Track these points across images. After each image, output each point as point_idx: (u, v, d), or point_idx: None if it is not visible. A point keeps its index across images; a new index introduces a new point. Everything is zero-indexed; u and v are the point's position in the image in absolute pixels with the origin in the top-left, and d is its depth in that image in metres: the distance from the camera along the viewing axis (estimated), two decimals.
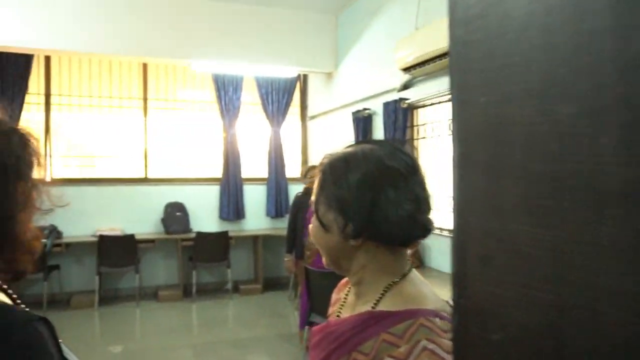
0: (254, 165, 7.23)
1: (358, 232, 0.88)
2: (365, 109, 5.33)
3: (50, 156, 6.46)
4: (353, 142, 0.97)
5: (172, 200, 6.66)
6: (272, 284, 6.93)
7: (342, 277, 1.09)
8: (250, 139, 7.25)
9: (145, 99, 6.80)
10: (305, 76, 7.42)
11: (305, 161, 7.48)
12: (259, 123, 7.26)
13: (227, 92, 6.89)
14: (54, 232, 6.04)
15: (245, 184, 7.03)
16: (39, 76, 6.38)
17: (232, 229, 6.82)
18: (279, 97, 7.12)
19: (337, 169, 0.91)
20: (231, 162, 6.89)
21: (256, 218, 7.13)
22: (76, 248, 6.24)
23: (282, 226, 7.14)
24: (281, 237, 6.90)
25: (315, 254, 4.52)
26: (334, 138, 6.48)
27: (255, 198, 7.12)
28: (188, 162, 7.00)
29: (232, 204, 6.89)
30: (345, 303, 1.03)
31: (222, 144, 7.00)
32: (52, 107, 6.46)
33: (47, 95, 6.44)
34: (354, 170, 0.88)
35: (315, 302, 4.02)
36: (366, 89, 5.44)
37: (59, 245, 5.98)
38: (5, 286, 0.81)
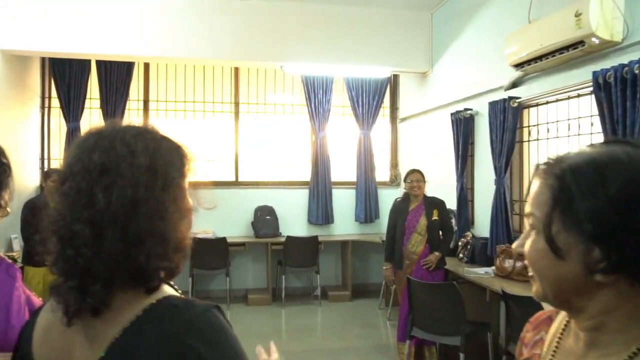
0: (343, 169, 7.09)
1: (616, 265, 0.65)
2: (466, 109, 5.00)
3: None
4: (597, 143, 0.72)
5: (262, 203, 6.66)
6: (360, 291, 6.74)
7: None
8: (339, 142, 7.12)
9: (236, 103, 6.87)
10: (395, 77, 7.17)
11: (394, 165, 7.23)
12: (349, 126, 7.11)
13: (316, 94, 6.80)
14: None
15: (334, 188, 6.90)
16: (138, 83, 6.62)
17: (320, 233, 6.71)
18: (369, 99, 6.92)
19: (587, 176, 0.67)
20: (321, 165, 6.78)
21: (345, 223, 6.97)
22: None
23: (371, 232, 6.95)
24: (370, 243, 6.71)
25: (414, 263, 4.27)
26: (427, 140, 6.18)
27: (344, 202, 6.97)
28: (277, 166, 6.99)
29: (321, 208, 6.78)
30: (559, 349, 0.80)
31: (312, 147, 6.92)
32: (150, 113, 6.68)
33: (146, 102, 6.67)
34: (617, 180, 0.65)
35: (416, 315, 3.77)
36: (467, 88, 5.11)
37: None
38: (171, 282, 0.88)
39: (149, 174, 0.80)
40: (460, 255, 4.80)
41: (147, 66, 6.65)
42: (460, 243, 4.88)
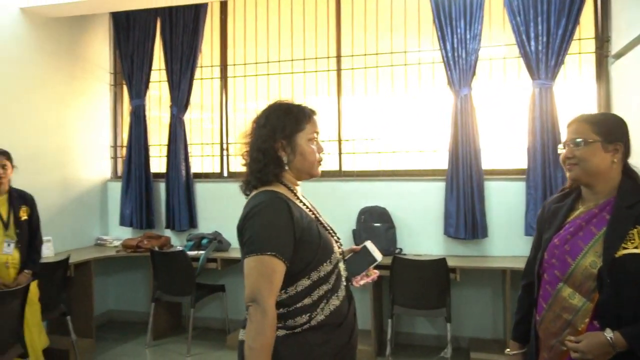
0: (503, 149, 4.37)
1: None
2: None
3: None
4: None
5: (371, 203, 4.43)
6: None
7: None
8: (496, 105, 4.40)
9: (338, 57, 4.76)
10: None
11: None
12: (512, 77, 4.35)
13: (455, 29, 4.22)
14: None
15: (488, 180, 4.23)
16: (212, 44, 5.09)
17: (464, 253, 4.18)
18: (548, 24, 4.02)
19: None
20: (464, 143, 4.20)
21: (508, 237, 4.22)
22: None
23: None
24: None
25: (563, 357, 1.60)
26: None
27: (506, 203, 4.21)
28: (396, 147, 4.64)
29: (463, 213, 4.17)
30: None
31: (452, 114, 4.35)
32: (228, 81, 5.07)
33: (224, 67, 5.09)
34: None
35: None
36: None
37: None
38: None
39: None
40: None
41: (224, 10, 5.04)
42: None
